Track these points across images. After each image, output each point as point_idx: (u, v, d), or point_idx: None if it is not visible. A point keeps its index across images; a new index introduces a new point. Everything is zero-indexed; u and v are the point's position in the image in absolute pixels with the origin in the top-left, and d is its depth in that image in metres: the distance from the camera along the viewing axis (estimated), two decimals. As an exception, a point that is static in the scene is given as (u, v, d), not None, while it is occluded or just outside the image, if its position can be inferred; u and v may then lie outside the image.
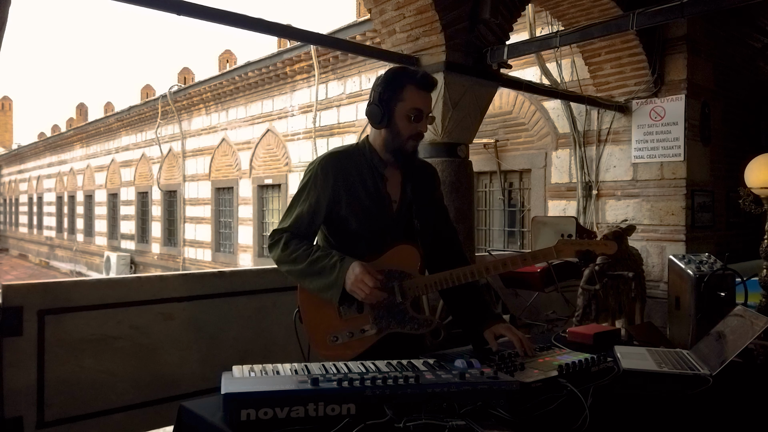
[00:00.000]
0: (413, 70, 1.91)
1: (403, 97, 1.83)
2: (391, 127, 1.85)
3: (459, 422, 1.24)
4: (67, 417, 2.47)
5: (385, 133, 1.87)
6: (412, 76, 1.85)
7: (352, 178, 1.87)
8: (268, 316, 3.06)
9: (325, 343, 1.77)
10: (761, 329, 1.70)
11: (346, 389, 1.28)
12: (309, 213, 1.86)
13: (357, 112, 8.70)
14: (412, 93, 1.83)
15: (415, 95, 1.84)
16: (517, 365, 1.58)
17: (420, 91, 1.85)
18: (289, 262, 1.81)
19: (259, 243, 10.72)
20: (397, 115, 1.84)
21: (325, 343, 1.77)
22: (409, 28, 3.65)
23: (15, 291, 2.39)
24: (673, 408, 1.51)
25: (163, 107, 13.01)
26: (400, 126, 1.84)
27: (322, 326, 1.79)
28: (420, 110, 1.84)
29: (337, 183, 1.85)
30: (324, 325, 1.79)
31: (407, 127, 1.84)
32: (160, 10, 2.77)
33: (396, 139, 1.86)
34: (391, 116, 1.84)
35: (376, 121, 1.86)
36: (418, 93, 1.84)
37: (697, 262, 3.21)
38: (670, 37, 5.16)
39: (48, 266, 21.66)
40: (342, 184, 1.85)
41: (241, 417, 1.22)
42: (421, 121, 1.86)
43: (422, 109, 1.85)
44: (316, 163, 1.89)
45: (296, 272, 1.81)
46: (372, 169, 1.89)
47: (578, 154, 5.75)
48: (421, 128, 1.87)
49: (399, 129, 1.85)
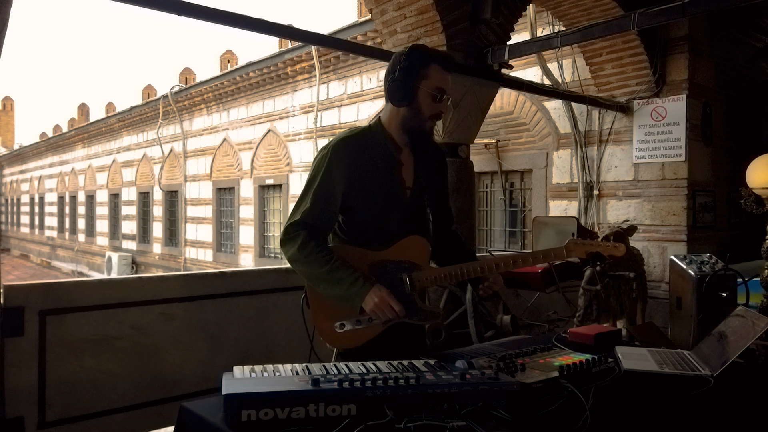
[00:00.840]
0: (437, 50, 1.88)
1: (428, 75, 1.80)
2: (413, 105, 1.81)
3: (460, 423, 1.24)
4: (69, 417, 2.47)
5: (405, 111, 1.83)
6: (437, 55, 1.83)
7: (366, 164, 1.81)
8: (269, 317, 3.06)
9: (333, 330, 1.74)
10: (762, 330, 1.69)
11: (346, 390, 1.27)
12: (324, 202, 1.78)
13: (358, 112, 8.71)
14: (437, 71, 1.81)
15: (439, 74, 1.81)
16: (518, 366, 1.58)
17: (443, 70, 1.82)
18: (304, 263, 1.75)
19: (260, 243, 10.73)
20: (421, 92, 1.80)
21: (332, 331, 1.74)
22: (410, 28, 3.65)
23: (16, 291, 2.40)
24: (674, 409, 1.51)
25: (164, 107, 13.02)
26: (423, 104, 1.81)
27: (330, 312, 1.76)
28: (443, 90, 1.82)
29: (350, 169, 1.78)
30: (332, 311, 1.76)
31: (430, 105, 1.81)
32: (161, 10, 2.77)
33: (416, 118, 1.82)
34: (415, 94, 1.80)
35: (398, 98, 1.81)
36: (442, 72, 1.81)
37: (699, 263, 3.21)
38: (671, 37, 5.15)
39: (49, 266, 21.69)
40: (355, 171, 1.79)
41: (242, 417, 1.22)
42: (442, 101, 1.83)
43: (445, 89, 1.82)
44: (328, 149, 1.81)
45: (310, 275, 1.76)
46: (386, 154, 1.85)
47: (579, 154, 5.74)
48: (441, 108, 1.84)
49: (421, 107, 1.81)
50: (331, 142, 1.85)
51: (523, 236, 6.56)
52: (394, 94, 1.82)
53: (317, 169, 1.80)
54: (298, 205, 1.80)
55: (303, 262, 1.75)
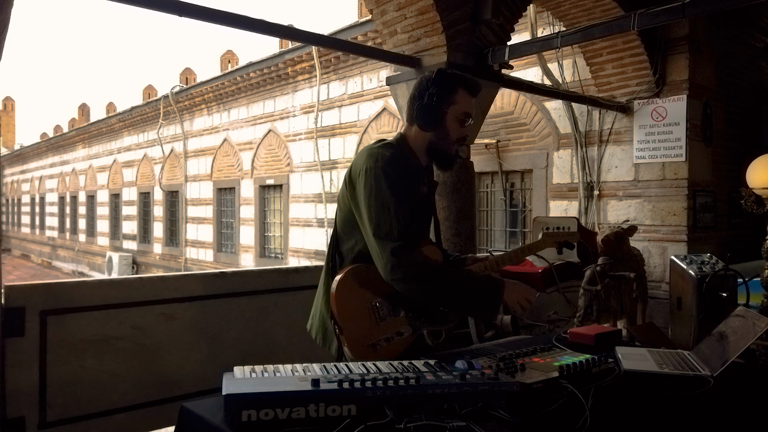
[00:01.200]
0: (462, 74, 1.92)
1: (456, 100, 1.84)
2: (440, 130, 1.85)
3: (459, 423, 1.24)
4: (69, 417, 2.47)
5: (431, 136, 1.87)
6: (464, 80, 1.88)
7: (412, 182, 1.83)
8: (270, 317, 3.06)
9: (366, 352, 1.73)
10: (762, 330, 1.69)
11: (346, 390, 1.28)
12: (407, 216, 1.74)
13: (358, 112, 8.71)
14: (464, 97, 1.86)
15: (466, 99, 1.86)
16: (518, 366, 1.58)
17: (470, 95, 1.88)
18: (429, 281, 1.71)
19: (260, 243, 10.73)
20: (448, 117, 1.85)
21: (365, 353, 1.73)
22: (410, 28, 3.65)
23: (17, 291, 2.40)
24: (674, 409, 1.51)
25: (165, 107, 13.03)
26: (450, 129, 1.86)
27: (360, 335, 1.76)
28: (469, 114, 1.88)
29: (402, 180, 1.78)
30: (362, 334, 1.75)
31: (457, 130, 1.86)
32: (162, 11, 2.78)
33: (443, 142, 1.87)
34: (442, 119, 1.84)
35: (426, 123, 1.85)
36: (468, 97, 1.87)
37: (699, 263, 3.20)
38: (672, 37, 5.15)
39: (50, 266, 21.71)
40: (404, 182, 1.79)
41: (242, 418, 1.22)
42: (467, 126, 1.89)
43: (470, 114, 1.88)
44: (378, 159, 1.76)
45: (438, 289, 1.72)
46: (423, 175, 1.90)
47: (580, 154, 5.74)
48: (467, 132, 1.90)
49: (448, 132, 1.86)
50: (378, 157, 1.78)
51: (524, 236, 6.56)
52: (423, 120, 1.85)
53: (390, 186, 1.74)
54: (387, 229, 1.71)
55: (428, 279, 1.71)
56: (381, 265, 1.72)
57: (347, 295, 1.77)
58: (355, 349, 1.74)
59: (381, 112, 8.31)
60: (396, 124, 8.01)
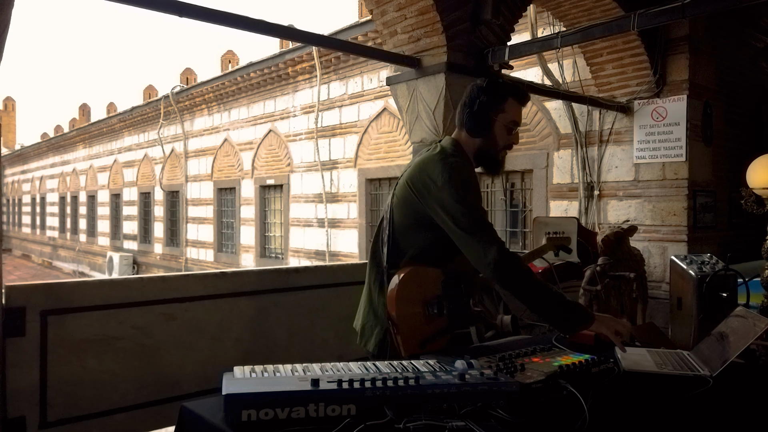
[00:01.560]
0: (513, 84, 2.03)
1: (505, 108, 1.94)
2: (488, 136, 1.95)
3: (458, 423, 1.24)
4: (70, 417, 2.47)
5: (480, 142, 1.97)
6: (514, 90, 1.97)
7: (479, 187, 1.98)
8: (270, 317, 3.06)
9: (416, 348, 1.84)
10: (762, 330, 1.70)
11: (346, 390, 1.28)
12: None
13: (359, 112, 8.71)
14: (512, 105, 1.95)
15: (515, 108, 1.96)
16: (517, 366, 1.59)
17: (519, 104, 1.97)
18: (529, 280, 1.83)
19: (261, 243, 10.74)
20: (497, 125, 1.94)
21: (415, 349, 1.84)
22: (410, 29, 3.65)
23: (18, 292, 2.40)
24: (674, 409, 1.51)
25: (165, 108, 13.04)
26: (498, 136, 1.95)
27: (415, 332, 1.86)
28: (517, 123, 1.97)
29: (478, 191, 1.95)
30: (416, 331, 1.86)
31: (504, 137, 1.96)
32: (161, 11, 2.78)
33: (491, 149, 1.97)
34: (491, 126, 1.94)
35: (476, 130, 1.95)
36: (517, 106, 1.97)
37: (699, 263, 3.21)
38: (672, 37, 5.15)
39: (51, 266, 21.73)
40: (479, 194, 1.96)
41: (242, 417, 1.22)
42: (515, 134, 1.99)
43: (518, 122, 1.98)
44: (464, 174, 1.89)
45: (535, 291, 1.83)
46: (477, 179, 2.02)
47: (580, 154, 5.74)
48: (513, 140, 1.99)
49: (496, 139, 1.96)
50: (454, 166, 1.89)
51: (524, 236, 6.56)
52: (473, 126, 1.95)
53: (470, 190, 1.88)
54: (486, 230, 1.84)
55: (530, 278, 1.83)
56: (484, 262, 1.81)
57: (406, 293, 1.86)
58: (408, 345, 1.84)
59: (381, 112, 8.31)
60: (396, 124, 8.01)
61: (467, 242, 1.84)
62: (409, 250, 1.93)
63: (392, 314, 1.86)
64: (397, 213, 1.98)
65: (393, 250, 1.95)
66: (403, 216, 1.96)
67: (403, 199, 1.97)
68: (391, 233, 1.97)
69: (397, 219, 1.98)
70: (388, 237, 1.97)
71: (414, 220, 1.94)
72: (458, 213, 1.83)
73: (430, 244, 1.93)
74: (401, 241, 1.95)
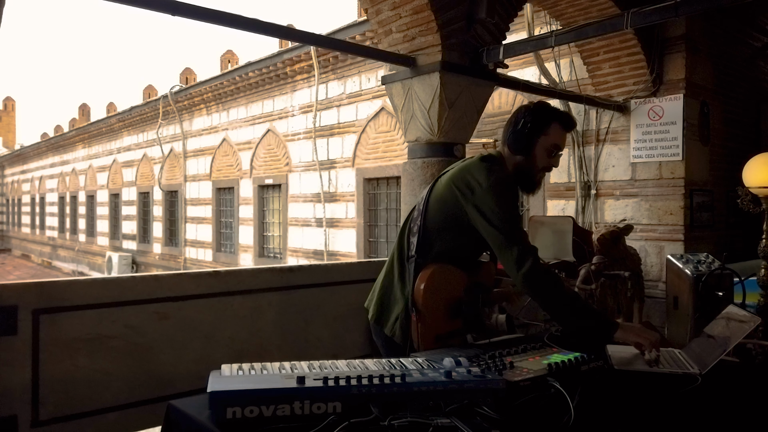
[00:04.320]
0: (559, 110, 2.07)
1: (548, 131, 2.00)
2: (529, 156, 2.01)
3: (444, 420, 1.24)
4: (62, 416, 2.47)
5: (520, 160, 2.02)
6: (560, 115, 2.03)
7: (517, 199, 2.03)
8: (264, 316, 3.06)
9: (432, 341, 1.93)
10: (751, 328, 1.70)
11: (331, 387, 1.28)
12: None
13: (357, 112, 8.71)
14: (556, 130, 2.01)
15: (558, 132, 2.01)
16: (506, 364, 1.58)
17: (563, 129, 2.03)
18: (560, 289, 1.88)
19: (259, 243, 10.73)
20: (538, 146, 2.00)
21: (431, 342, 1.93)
22: (405, 27, 3.65)
23: (10, 290, 2.40)
24: (662, 406, 1.51)
25: (164, 107, 13.04)
26: (538, 157, 2.01)
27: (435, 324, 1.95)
28: (559, 147, 2.03)
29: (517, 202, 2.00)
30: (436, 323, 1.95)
31: (544, 159, 2.01)
32: (154, 10, 2.78)
33: (530, 169, 2.02)
34: (533, 146, 2.00)
35: (517, 148, 2.01)
36: (561, 131, 2.02)
37: (695, 262, 3.20)
38: (669, 36, 5.15)
39: (50, 266, 21.72)
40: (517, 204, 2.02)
41: (227, 415, 1.22)
42: (556, 157, 2.04)
43: (560, 146, 2.03)
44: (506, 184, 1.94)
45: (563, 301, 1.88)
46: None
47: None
48: (554, 163, 2.05)
49: (536, 160, 2.01)
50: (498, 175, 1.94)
51: (522, 236, 6.55)
52: (514, 144, 2.02)
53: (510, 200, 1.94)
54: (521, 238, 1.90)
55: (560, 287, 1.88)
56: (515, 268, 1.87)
57: (435, 286, 1.94)
58: (426, 334, 1.93)
59: (379, 111, 8.31)
60: (394, 124, 8.01)
61: (503, 247, 1.90)
62: (437, 245, 2.00)
63: (419, 302, 1.94)
64: (433, 208, 2.05)
65: (422, 242, 2.02)
66: (439, 212, 2.03)
67: (442, 197, 2.03)
68: (423, 225, 2.04)
69: (432, 214, 2.04)
70: (419, 228, 2.04)
71: (449, 219, 2.00)
72: (498, 217, 1.89)
73: (458, 246, 2.01)
74: (432, 235, 2.02)
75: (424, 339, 1.93)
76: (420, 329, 1.93)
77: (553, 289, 1.87)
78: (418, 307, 1.94)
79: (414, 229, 2.06)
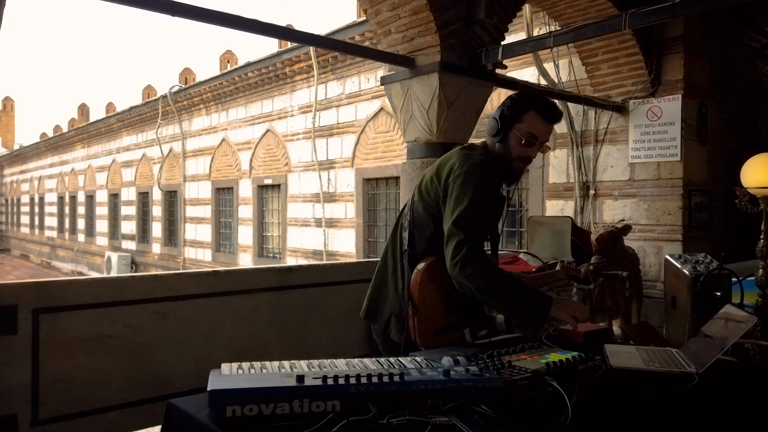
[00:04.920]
0: (544, 99, 1.99)
1: (523, 119, 1.93)
2: (504, 144, 1.97)
3: (442, 418, 1.24)
4: (62, 415, 2.47)
5: (498, 147, 1.98)
6: (540, 103, 1.96)
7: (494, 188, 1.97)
8: (263, 316, 3.07)
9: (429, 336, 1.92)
10: (747, 328, 1.71)
11: (330, 386, 1.28)
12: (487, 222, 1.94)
13: (356, 112, 8.72)
14: (533, 118, 1.93)
15: (535, 121, 1.93)
16: (504, 363, 1.59)
17: (541, 119, 1.94)
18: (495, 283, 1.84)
19: (259, 243, 10.74)
20: (512, 134, 1.95)
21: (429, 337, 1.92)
22: (404, 28, 3.66)
23: (10, 290, 2.40)
24: (659, 405, 1.52)
25: (163, 107, 13.04)
26: (512, 144, 1.95)
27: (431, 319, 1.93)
28: (535, 136, 1.94)
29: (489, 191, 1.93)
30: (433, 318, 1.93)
31: (517, 148, 1.95)
32: (154, 11, 2.78)
33: (504, 156, 1.97)
34: (507, 134, 1.95)
35: (492, 134, 1.98)
36: (539, 120, 1.94)
37: (694, 262, 3.21)
38: (667, 37, 5.16)
39: (49, 266, 21.71)
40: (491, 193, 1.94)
41: (227, 413, 1.23)
42: (533, 147, 1.96)
43: (537, 136, 1.95)
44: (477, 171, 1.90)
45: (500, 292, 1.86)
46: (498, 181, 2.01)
47: (576, 154, 5.75)
48: (530, 153, 1.97)
49: (510, 147, 1.96)
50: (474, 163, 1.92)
51: (521, 236, 6.57)
52: (489, 130, 1.99)
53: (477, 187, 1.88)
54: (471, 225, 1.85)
55: (497, 282, 1.85)
56: (450, 256, 1.83)
57: (430, 280, 1.92)
58: (423, 329, 1.91)
59: (378, 111, 8.32)
60: (393, 124, 8.02)
61: (450, 235, 1.86)
62: (427, 238, 2.00)
63: (414, 296, 1.92)
64: (420, 202, 2.04)
65: (413, 236, 2.01)
66: (425, 205, 2.02)
67: (427, 189, 2.02)
68: (412, 220, 2.04)
69: (419, 208, 2.04)
70: (410, 223, 2.03)
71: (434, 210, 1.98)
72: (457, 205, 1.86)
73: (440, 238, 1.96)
74: (421, 228, 2.01)
75: (422, 334, 1.91)
76: (417, 324, 1.91)
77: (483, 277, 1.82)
78: (414, 302, 1.92)
79: (405, 224, 2.05)
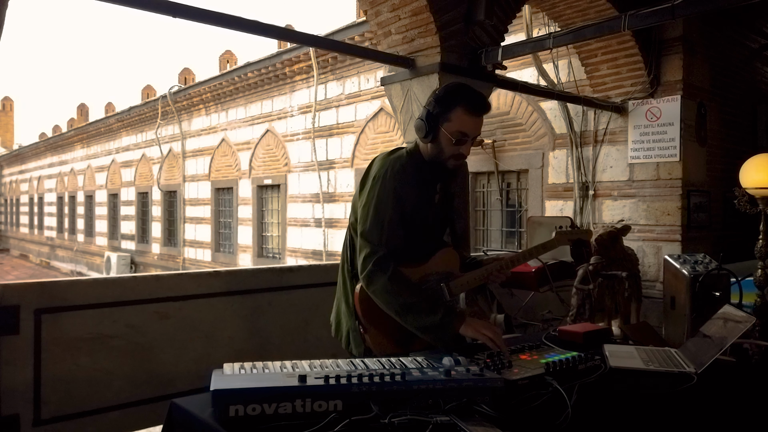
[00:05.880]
0: (469, 92, 1.88)
1: (450, 117, 1.84)
2: (436, 144, 1.88)
3: (443, 418, 1.26)
4: (64, 414, 2.49)
5: (430, 147, 1.90)
6: (466, 98, 1.85)
7: (416, 188, 1.89)
8: (264, 316, 3.08)
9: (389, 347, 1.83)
10: (746, 328, 1.72)
11: (332, 386, 1.29)
12: (397, 227, 1.82)
13: (356, 112, 8.73)
14: (460, 115, 1.84)
15: (462, 118, 1.84)
16: (505, 363, 1.60)
17: (469, 114, 1.84)
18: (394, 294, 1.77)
19: (258, 243, 10.74)
20: (441, 133, 1.86)
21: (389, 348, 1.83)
22: (404, 29, 3.67)
23: (12, 290, 2.42)
24: (658, 405, 1.53)
25: (163, 108, 13.04)
26: (443, 144, 1.86)
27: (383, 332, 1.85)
28: (465, 134, 1.86)
29: (406, 193, 1.85)
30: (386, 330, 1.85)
31: (449, 147, 1.86)
32: (155, 12, 2.79)
33: (438, 156, 1.89)
34: (436, 133, 1.86)
35: (421, 136, 1.89)
36: (466, 116, 1.84)
37: (693, 262, 3.22)
38: (666, 37, 5.17)
39: (49, 266, 21.70)
40: (409, 195, 1.86)
41: (230, 413, 1.24)
42: (465, 144, 1.87)
43: (467, 133, 1.86)
44: (386, 172, 1.85)
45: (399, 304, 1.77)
46: (427, 181, 1.94)
47: (575, 154, 5.76)
48: (463, 150, 1.88)
49: (442, 147, 1.87)
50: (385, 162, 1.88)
51: (520, 236, 6.58)
52: (418, 132, 1.89)
53: (383, 193, 1.83)
54: (372, 233, 1.81)
55: (394, 292, 1.77)
56: (360, 270, 1.81)
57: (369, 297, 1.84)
58: (378, 342, 1.84)
59: (378, 112, 8.33)
60: (393, 124, 8.03)
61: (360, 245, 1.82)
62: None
63: (359, 313, 1.86)
64: (352, 215, 1.99)
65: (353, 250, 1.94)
66: (355, 217, 1.95)
67: (354, 200, 1.97)
68: (350, 234, 1.99)
69: (351, 220, 1.99)
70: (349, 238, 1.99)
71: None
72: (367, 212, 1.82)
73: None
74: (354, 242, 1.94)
75: (379, 347, 1.84)
76: (371, 339, 1.85)
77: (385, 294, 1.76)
78: (360, 319, 1.86)
79: (347, 240, 1.99)
